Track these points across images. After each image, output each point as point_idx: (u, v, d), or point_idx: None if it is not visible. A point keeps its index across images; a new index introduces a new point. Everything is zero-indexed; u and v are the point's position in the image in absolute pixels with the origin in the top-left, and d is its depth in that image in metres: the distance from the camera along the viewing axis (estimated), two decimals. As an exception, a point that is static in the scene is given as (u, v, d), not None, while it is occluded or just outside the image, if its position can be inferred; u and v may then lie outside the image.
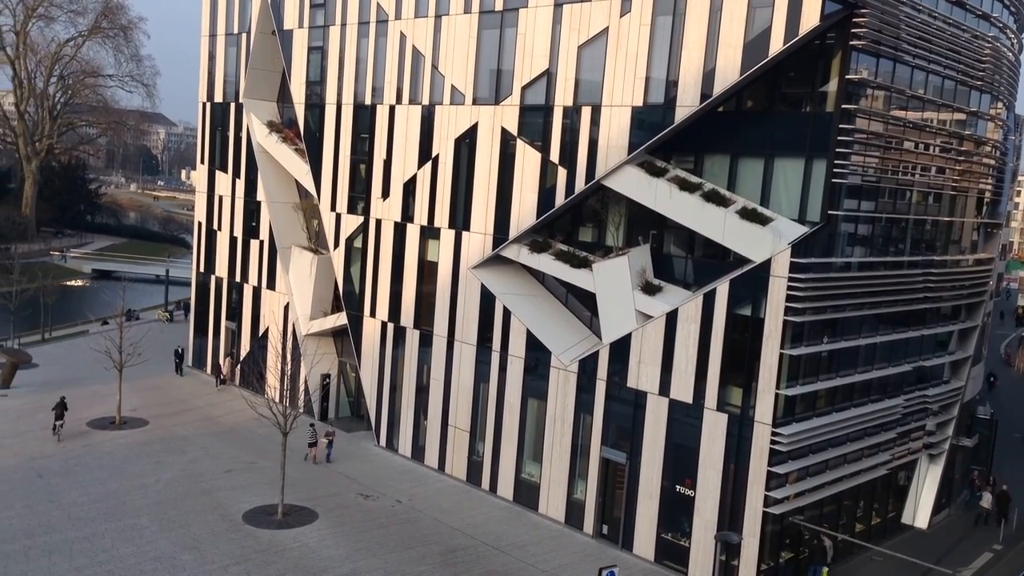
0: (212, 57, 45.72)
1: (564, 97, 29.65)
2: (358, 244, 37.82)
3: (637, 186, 27.73)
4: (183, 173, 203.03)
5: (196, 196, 49.61)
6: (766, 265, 24.84)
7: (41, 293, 55.06)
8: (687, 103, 26.36)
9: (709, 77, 25.88)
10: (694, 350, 26.53)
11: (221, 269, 46.47)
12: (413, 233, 35.18)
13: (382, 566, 26.37)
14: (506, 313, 31.75)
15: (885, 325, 28.73)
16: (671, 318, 27.00)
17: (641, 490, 28.10)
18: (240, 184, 44.58)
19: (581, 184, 29.12)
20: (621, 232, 29.51)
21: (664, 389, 27.36)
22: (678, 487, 27.29)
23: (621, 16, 27.95)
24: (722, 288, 25.92)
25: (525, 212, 30.85)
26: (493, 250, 31.97)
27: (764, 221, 25.10)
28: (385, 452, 36.75)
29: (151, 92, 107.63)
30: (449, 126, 33.36)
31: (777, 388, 24.86)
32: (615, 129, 28.13)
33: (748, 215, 25.36)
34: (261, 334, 43.36)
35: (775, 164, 25.91)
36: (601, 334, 29.26)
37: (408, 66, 34.90)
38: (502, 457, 32.31)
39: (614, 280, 28.33)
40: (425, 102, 34.33)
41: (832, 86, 24.79)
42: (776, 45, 24.41)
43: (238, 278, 45.38)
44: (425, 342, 35.00)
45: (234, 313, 45.71)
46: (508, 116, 31.33)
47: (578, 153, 29.21)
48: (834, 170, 24.44)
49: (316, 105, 39.39)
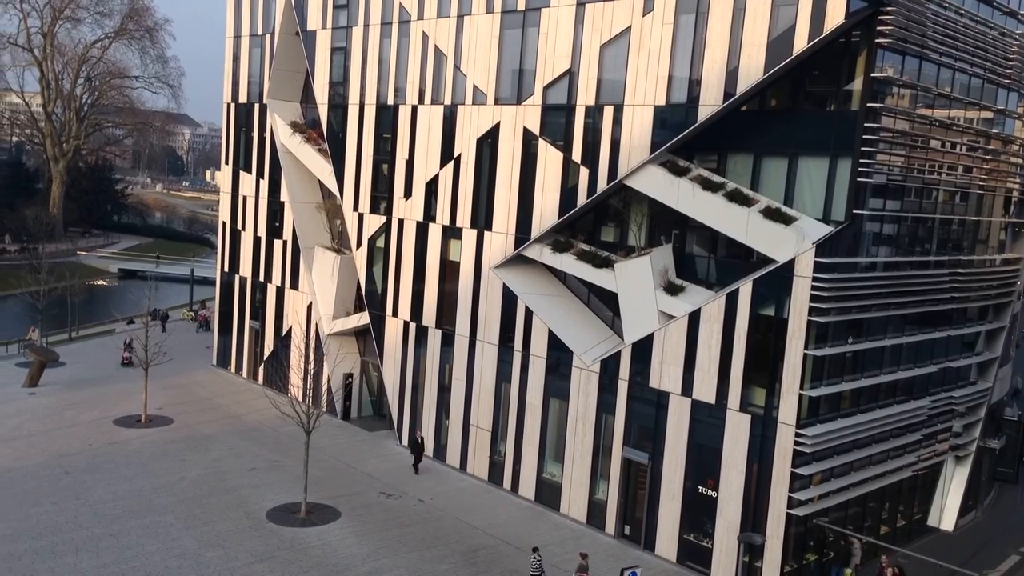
0: (236, 58, 46.05)
1: (586, 96, 29.60)
2: (380, 244, 37.96)
3: (660, 185, 27.63)
4: (208, 173, 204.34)
5: (220, 196, 50.00)
6: (790, 265, 24.66)
7: (68, 292, 55.71)
8: (710, 102, 26.23)
9: (732, 76, 25.73)
10: (717, 350, 26.40)
11: (245, 269, 46.81)
12: (435, 233, 35.26)
13: (404, 564, 26.46)
14: (528, 313, 31.74)
15: (911, 325, 28.43)
16: (694, 318, 26.88)
17: (663, 491, 27.99)
18: (264, 184, 44.88)
19: (603, 184, 29.05)
20: (643, 232, 29.41)
21: (687, 389, 27.24)
22: (701, 488, 27.16)
23: (644, 15, 27.85)
24: (745, 288, 25.77)
25: (547, 212, 30.82)
26: (515, 250, 31.98)
27: (788, 221, 24.92)
28: (407, 451, 36.83)
29: (176, 93, 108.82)
30: (471, 126, 33.41)
31: (801, 389, 24.68)
32: (637, 128, 28.04)
33: (772, 215, 25.19)
34: (284, 333, 43.62)
35: (799, 163, 25.73)
36: (623, 334, 29.18)
37: (430, 66, 34.98)
38: (524, 457, 32.32)
39: (636, 280, 28.25)
40: (447, 102, 34.40)
41: (857, 84, 24.56)
42: (800, 43, 24.23)
43: (262, 278, 45.69)
44: (447, 342, 35.07)
45: (257, 312, 46.03)
46: (530, 116, 31.32)
47: (600, 152, 29.15)
48: (859, 169, 24.22)
49: (339, 105, 39.57)
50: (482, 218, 33.24)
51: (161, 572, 24.91)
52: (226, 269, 48.37)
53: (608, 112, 28.94)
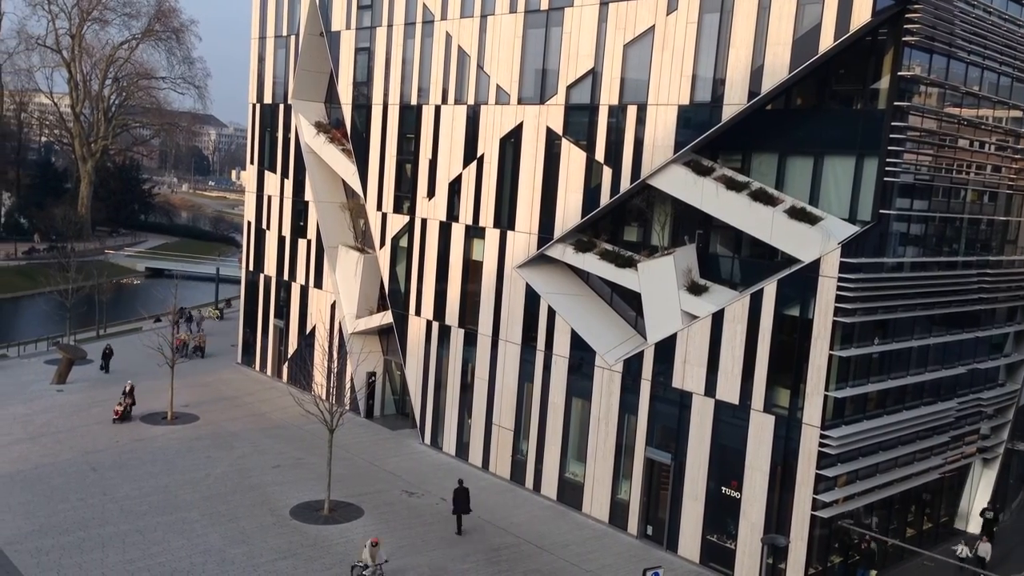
0: (261, 59, 46.38)
1: (609, 96, 29.54)
2: (404, 243, 38.09)
3: (683, 185, 27.52)
4: (233, 173, 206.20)
5: (245, 196, 50.38)
6: (815, 265, 24.48)
7: (96, 291, 56.38)
8: (734, 101, 26.09)
9: (757, 74, 25.58)
10: (741, 351, 26.26)
11: (269, 268, 47.14)
12: (458, 232, 35.32)
13: (426, 563, 26.54)
14: (551, 312, 31.72)
15: (938, 326, 28.14)
16: (717, 318, 26.75)
17: (686, 491, 27.88)
18: (288, 184, 45.17)
19: (626, 183, 28.98)
20: (667, 231, 29.31)
21: (710, 390, 27.12)
22: (724, 489, 27.03)
23: (668, 14, 27.75)
24: (769, 288, 25.61)
25: (570, 211, 30.79)
26: (538, 249, 31.97)
27: (813, 220, 24.74)
28: (429, 450, 36.96)
29: (202, 94, 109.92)
30: (494, 126, 33.44)
31: (826, 390, 24.49)
32: (661, 128, 27.95)
33: (797, 214, 25.02)
34: (308, 332, 43.88)
35: (825, 162, 25.54)
36: (646, 334, 29.09)
37: (454, 66, 35.05)
38: (546, 456, 32.31)
39: (659, 280, 28.15)
40: (470, 102, 34.45)
41: (884, 83, 24.34)
42: (826, 42, 24.05)
43: (286, 277, 45.98)
44: (470, 341, 35.12)
45: (282, 311, 46.34)
46: (553, 115, 31.30)
47: (623, 152, 29.08)
48: (886, 168, 24.00)
49: (363, 106, 39.75)
50: (505, 218, 33.26)
51: (186, 568, 25.15)
52: (251, 268, 48.73)
53: (631, 111, 28.86)
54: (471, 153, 34.48)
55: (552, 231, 31.39)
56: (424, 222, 36.83)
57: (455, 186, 35.30)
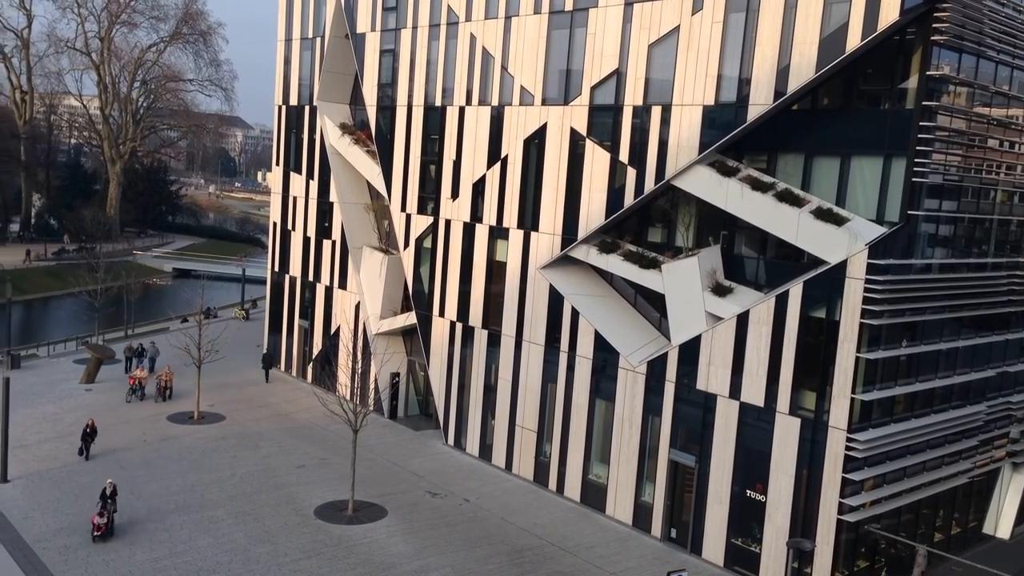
0: (288, 61, 46.68)
1: (634, 97, 29.45)
2: (428, 244, 38.18)
3: (708, 186, 27.38)
4: (259, 175, 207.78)
5: (271, 197, 50.73)
6: (842, 266, 24.26)
7: (124, 291, 57.00)
8: (760, 101, 25.92)
9: (783, 74, 25.40)
10: (766, 353, 26.07)
11: (295, 268, 47.43)
12: (482, 233, 35.35)
13: (449, 564, 26.57)
14: (574, 314, 31.67)
15: (967, 329, 27.79)
16: (742, 320, 26.57)
17: (711, 494, 27.72)
18: (313, 185, 45.43)
19: (651, 184, 28.87)
20: (691, 232, 29.16)
21: (735, 392, 26.94)
22: (749, 492, 26.84)
23: (693, 14, 27.62)
24: (795, 290, 25.41)
25: (594, 212, 30.73)
26: (562, 250, 31.93)
27: (840, 221, 24.52)
28: (453, 451, 37.01)
29: (229, 96, 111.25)
30: (518, 127, 33.44)
31: (853, 392, 24.25)
32: (686, 128, 27.82)
33: (823, 215, 24.81)
34: (333, 333, 44.09)
35: (852, 163, 25.30)
36: (670, 336, 28.96)
37: (478, 67, 35.09)
38: (569, 458, 32.24)
39: (684, 281, 28.02)
40: (494, 103, 34.47)
41: (912, 82, 24.07)
42: (854, 41, 23.83)
43: (311, 277, 46.24)
44: (493, 342, 35.13)
45: (307, 312, 46.59)
46: (577, 116, 31.25)
47: (648, 153, 28.97)
48: (914, 169, 23.74)
49: (387, 107, 39.90)
50: (529, 219, 33.25)
51: (212, 566, 25.35)
52: (276, 269, 49.06)
53: (656, 112, 28.75)
54: (495, 154, 34.50)
55: (576, 232, 31.34)
56: (448, 223, 36.90)
57: (479, 187, 35.34)
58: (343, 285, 43.79)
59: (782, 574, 25.45)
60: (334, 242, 44.20)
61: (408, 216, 38.95)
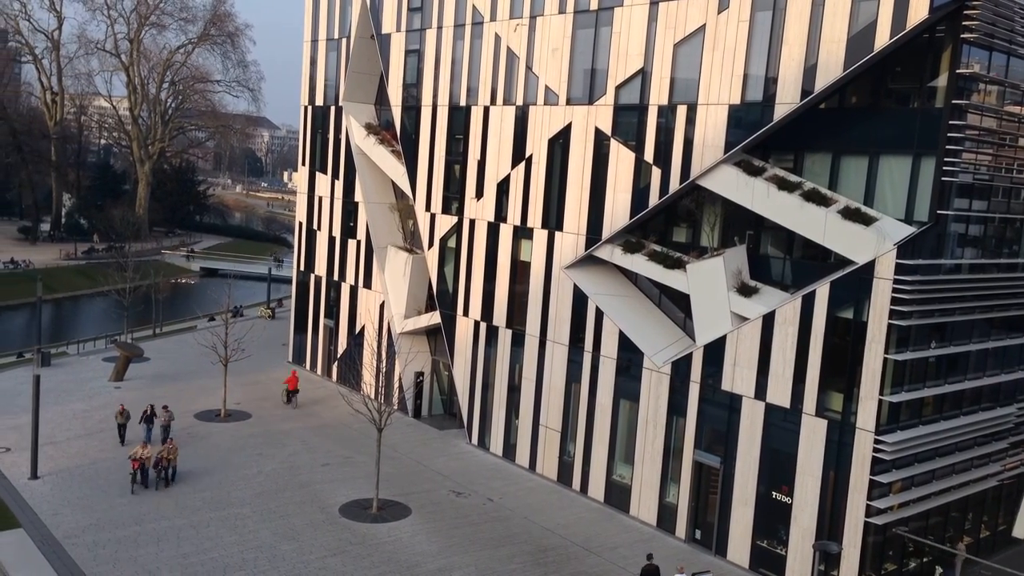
0: (314, 62, 46.96)
1: (659, 96, 29.33)
2: (452, 244, 38.25)
3: (734, 186, 27.21)
4: (285, 175, 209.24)
5: (297, 197, 51.05)
6: (870, 266, 24.02)
7: (153, 290, 57.60)
8: (787, 100, 25.72)
9: (810, 73, 25.19)
10: (792, 353, 25.87)
11: (320, 268, 47.70)
12: (506, 233, 35.36)
13: (473, 563, 26.61)
14: (599, 314, 31.60)
15: (997, 330, 27.42)
16: (768, 320, 26.39)
17: (736, 495, 27.56)
18: (339, 185, 45.67)
19: (676, 184, 28.74)
20: (716, 232, 29.00)
21: (760, 393, 26.76)
22: (774, 493, 26.66)
23: (719, 13, 27.46)
24: (822, 290, 25.19)
25: (618, 212, 30.64)
26: (586, 250, 31.87)
27: (868, 221, 24.28)
28: (477, 450, 37.06)
29: (256, 96, 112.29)
30: (543, 126, 33.41)
31: (881, 394, 24.01)
32: (711, 128, 27.67)
33: (851, 215, 24.57)
34: (357, 332, 44.30)
35: (880, 162, 25.04)
36: (695, 336, 28.83)
37: (503, 67, 35.11)
38: (593, 458, 32.18)
39: (709, 281, 27.87)
40: (519, 103, 34.47)
41: (941, 81, 23.79)
42: (882, 39, 23.58)
43: (336, 277, 46.49)
44: (517, 342, 35.14)
45: (332, 311, 46.85)
46: (602, 116, 31.17)
47: (673, 152, 28.85)
48: (944, 168, 23.46)
49: (412, 107, 40.02)
50: (553, 218, 33.21)
51: (238, 563, 25.55)
52: (302, 268, 49.36)
53: (681, 111, 28.62)
54: (519, 154, 34.49)
55: (600, 232, 31.27)
56: (472, 223, 36.95)
57: (503, 187, 35.36)
58: (368, 284, 43.98)
59: (808, 577, 25.26)
60: (359, 242, 44.40)
61: (433, 216, 39.05)
